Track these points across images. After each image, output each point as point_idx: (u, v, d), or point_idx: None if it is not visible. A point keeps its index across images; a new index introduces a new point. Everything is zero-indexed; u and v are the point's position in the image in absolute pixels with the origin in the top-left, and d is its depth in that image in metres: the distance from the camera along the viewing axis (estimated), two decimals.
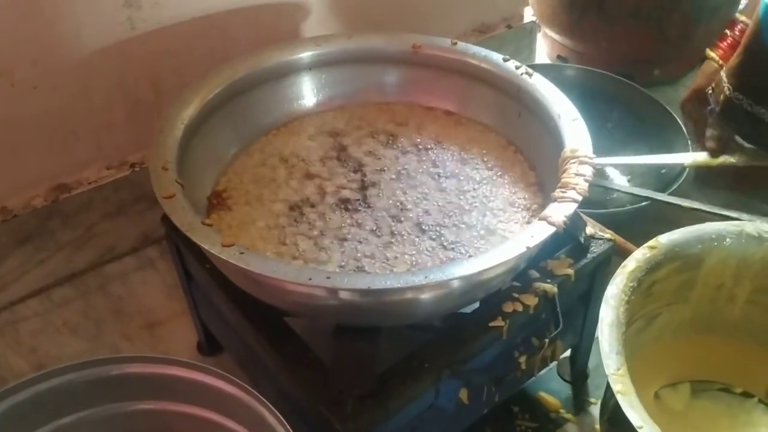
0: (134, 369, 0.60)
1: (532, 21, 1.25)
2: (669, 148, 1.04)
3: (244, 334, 0.64)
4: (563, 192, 0.56)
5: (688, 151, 0.99)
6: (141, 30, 0.84)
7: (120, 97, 0.87)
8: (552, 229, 0.53)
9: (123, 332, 0.86)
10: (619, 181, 1.06)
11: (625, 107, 1.11)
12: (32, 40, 0.78)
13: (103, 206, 0.90)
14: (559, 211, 0.54)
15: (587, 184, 0.57)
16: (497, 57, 0.72)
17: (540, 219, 0.54)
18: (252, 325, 0.62)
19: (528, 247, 0.51)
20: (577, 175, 0.57)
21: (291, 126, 0.75)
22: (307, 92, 0.76)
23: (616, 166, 1.07)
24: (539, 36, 1.30)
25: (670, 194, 0.93)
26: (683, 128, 1.02)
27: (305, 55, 0.75)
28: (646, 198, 0.92)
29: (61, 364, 0.59)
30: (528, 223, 0.64)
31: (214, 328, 0.77)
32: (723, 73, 0.91)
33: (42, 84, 0.81)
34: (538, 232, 0.53)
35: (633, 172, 1.06)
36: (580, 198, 0.56)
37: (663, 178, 1.00)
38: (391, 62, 0.76)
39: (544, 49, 1.34)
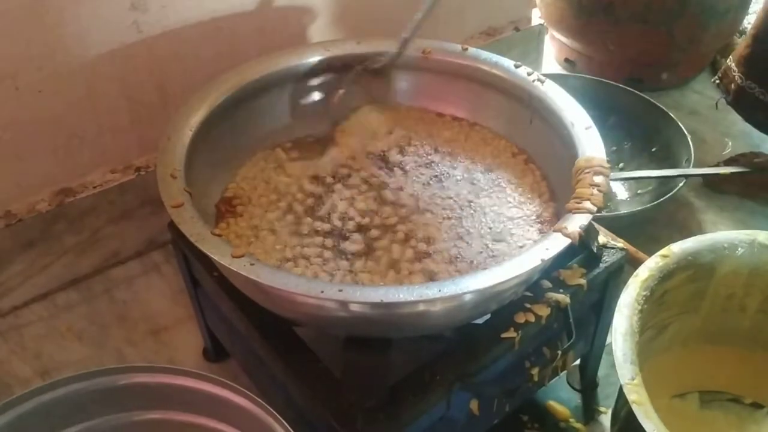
0: (141, 378, 0.60)
1: (540, 24, 1.24)
2: (673, 157, 1.03)
3: (252, 343, 0.64)
4: (578, 203, 0.55)
5: (690, 157, 0.99)
6: (147, 33, 0.83)
7: (125, 101, 0.86)
8: (567, 241, 0.52)
9: (128, 338, 0.86)
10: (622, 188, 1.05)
11: (627, 116, 1.09)
12: (37, 43, 0.77)
13: (108, 210, 0.89)
14: (575, 223, 0.54)
15: (602, 195, 0.56)
16: (509, 63, 0.72)
17: (555, 230, 0.53)
18: (261, 334, 0.61)
19: (543, 260, 0.51)
20: (591, 185, 0.56)
21: None
22: (317, 98, 0.75)
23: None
24: (547, 39, 1.30)
25: (671, 197, 0.92)
26: (687, 136, 1.02)
27: (314, 59, 0.74)
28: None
29: (66, 371, 0.58)
30: (540, 233, 0.63)
31: (220, 335, 0.76)
32: (731, 63, 0.90)
33: (47, 87, 0.80)
34: (554, 244, 0.52)
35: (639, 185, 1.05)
36: (595, 209, 0.55)
37: (667, 189, 0.99)
38: (400, 68, 0.75)
39: (551, 52, 1.33)
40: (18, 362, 0.82)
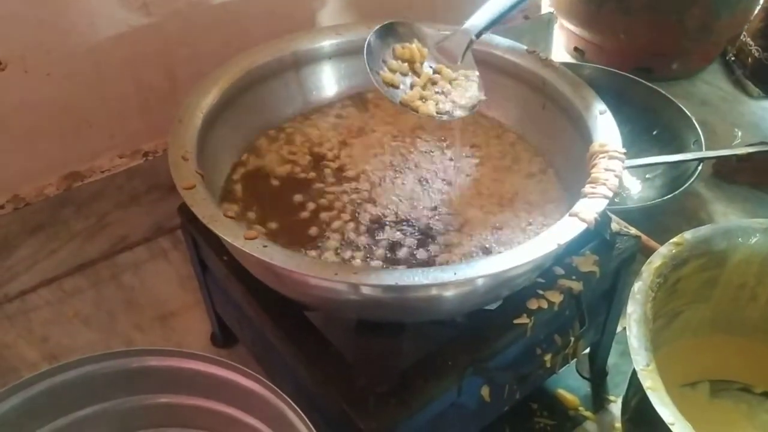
0: (152, 362, 0.60)
1: (550, 12, 1.23)
2: (678, 139, 1.03)
3: (262, 328, 0.63)
4: (593, 188, 0.55)
5: (700, 139, 0.98)
6: (156, 17, 0.83)
7: (134, 85, 0.86)
8: (583, 226, 0.52)
9: (135, 323, 0.85)
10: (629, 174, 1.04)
11: (636, 106, 1.08)
12: (46, 26, 0.76)
13: (116, 195, 0.89)
14: (590, 208, 0.53)
15: (617, 180, 0.55)
16: (521, 48, 0.71)
17: (570, 215, 0.53)
18: (271, 318, 0.61)
19: (559, 244, 0.50)
20: (606, 170, 0.56)
21: (311, 117, 0.74)
22: (328, 82, 0.75)
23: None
24: (556, 28, 1.29)
25: (684, 190, 0.92)
26: (691, 118, 1.02)
27: (325, 44, 0.73)
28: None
29: (73, 356, 0.58)
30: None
31: (229, 321, 0.76)
32: (747, 38, 0.90)
33: (55, 71, 0.80)
34: (569, 229, 0.52)
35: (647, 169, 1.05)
36: (610, 194, 0.54)
37: (677, 173, 0.98)
38: None
39: (561, 41, 1.32)
40: (25, 346, 0.82)
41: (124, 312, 0.87)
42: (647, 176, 1.01)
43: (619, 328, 0.76)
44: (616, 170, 0.56)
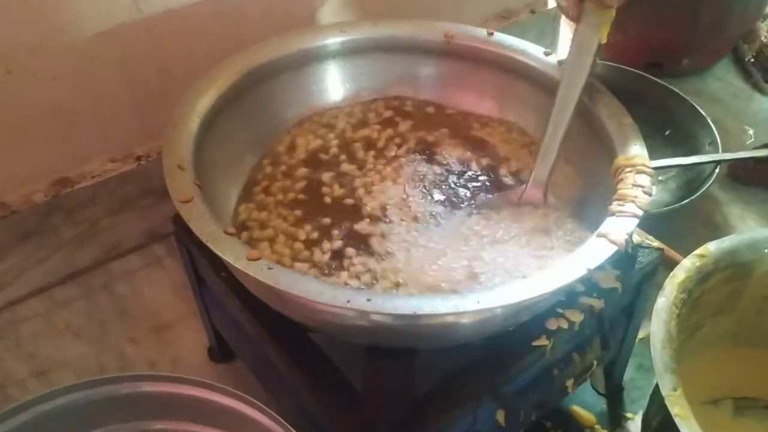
0: (146, 388, 0.56)
1: (556, 6, 1.19)
2: (692, 140, 0.99)
3: (263, 348, 0.60)
4: (621, 205, 0.51)
5: (715, 140, 0.95)
6: (147, 13, 0.79)
7: (125, 86, 0.82)
8: (614, 248, 0.48)
9: (129, 335, 0.82)
10: None
11: (647, 104, 1.03)
12: (31, 24, 0.72)
13: (108, 201, 0.85)
14: (620, 228, 0.49)
15: (647, 197, 0.52)
16: (537, 50, 0.67)
17: (599, 236, 0.49)
18: (273, 339, 0.57)
19: (589, 269, 0.46)
20: (635, 186, 0.52)
21: (314, 120, 0.70)
22: (331, 83, 0.71)
23: None
24: (562, 22, 1.25)
25: (701, 194, 0.89)
26: (706, 118, 0.98)
27: (329, 42, 0.69)
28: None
29: (64, 370, 0.55)
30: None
31: (227, 336, 0.72)
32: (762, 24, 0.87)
33: (41, 71, 0.76)
34: (599, 252, 0.48)
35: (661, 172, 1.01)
36: (641, 213, 0.50)
37: (692, 175, 0.95)
38: (420, 52, 0.70)
39: (567, 36, 1.28)
40: (13, 361, 0.78)
41: (117, 323, 0.83)
42: (660, 179, 0.98)
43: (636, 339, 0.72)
44: (645, 186, 0.52)
